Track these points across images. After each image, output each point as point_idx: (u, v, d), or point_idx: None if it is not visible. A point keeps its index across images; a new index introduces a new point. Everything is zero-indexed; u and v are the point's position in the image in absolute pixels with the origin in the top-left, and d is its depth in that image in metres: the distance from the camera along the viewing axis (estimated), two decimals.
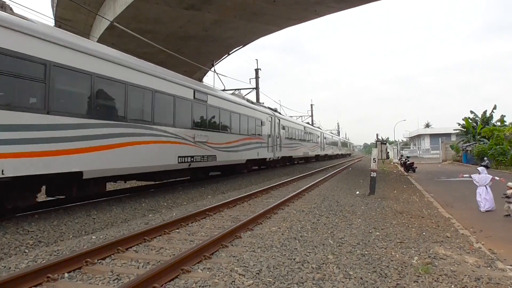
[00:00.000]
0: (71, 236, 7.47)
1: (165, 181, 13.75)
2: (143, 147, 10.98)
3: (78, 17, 26.70)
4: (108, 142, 9.65)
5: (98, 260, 5.46)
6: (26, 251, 6.45)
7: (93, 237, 7.07)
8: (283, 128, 27.33)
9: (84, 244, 6.46)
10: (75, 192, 9.41)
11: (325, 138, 48.37)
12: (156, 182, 13.93)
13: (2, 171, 6.95)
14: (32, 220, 8.21)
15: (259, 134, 21.68)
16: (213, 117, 15.79)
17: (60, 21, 25.25)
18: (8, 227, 7.50)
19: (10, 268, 5.23)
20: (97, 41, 22.53)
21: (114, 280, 4.76)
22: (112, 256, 5.76)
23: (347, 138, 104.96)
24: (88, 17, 26.54)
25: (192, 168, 14.21)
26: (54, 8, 26.07)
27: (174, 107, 12.66)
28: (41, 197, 12.09)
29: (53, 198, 10.23)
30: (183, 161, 13.00)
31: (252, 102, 23.23)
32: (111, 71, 9.86)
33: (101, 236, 7.07)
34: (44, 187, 9.34)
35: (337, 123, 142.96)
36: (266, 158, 23.51)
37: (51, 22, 25.22)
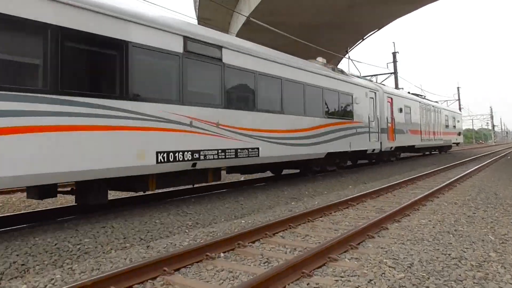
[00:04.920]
0: (223, 220, 8.10)
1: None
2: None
3: (217, 16, 29.10)
4: None
5: (248, 243, 5.78)
6: (187, 231, 7.20)
7: (242, 221, 7.54)
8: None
9: (235, 228, 6.93)
10: None
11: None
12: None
13: None
14: (189, 203, 9.16)
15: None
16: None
17: (202, 21, 27.96)
18: (171, 209, 8.51)
19: (175, 244, 5.91)
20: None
21: (264, 263, 4.98)
22: (260, 240, 6.04)
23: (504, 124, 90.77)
24: (226, 15, 28.68)
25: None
26: (196, 10, 29.04)
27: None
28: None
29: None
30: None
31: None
32: None
33: (249, 221, 7.49)
34: None
35: (490, 108, 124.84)
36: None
37: (194, 22, 28.47)
